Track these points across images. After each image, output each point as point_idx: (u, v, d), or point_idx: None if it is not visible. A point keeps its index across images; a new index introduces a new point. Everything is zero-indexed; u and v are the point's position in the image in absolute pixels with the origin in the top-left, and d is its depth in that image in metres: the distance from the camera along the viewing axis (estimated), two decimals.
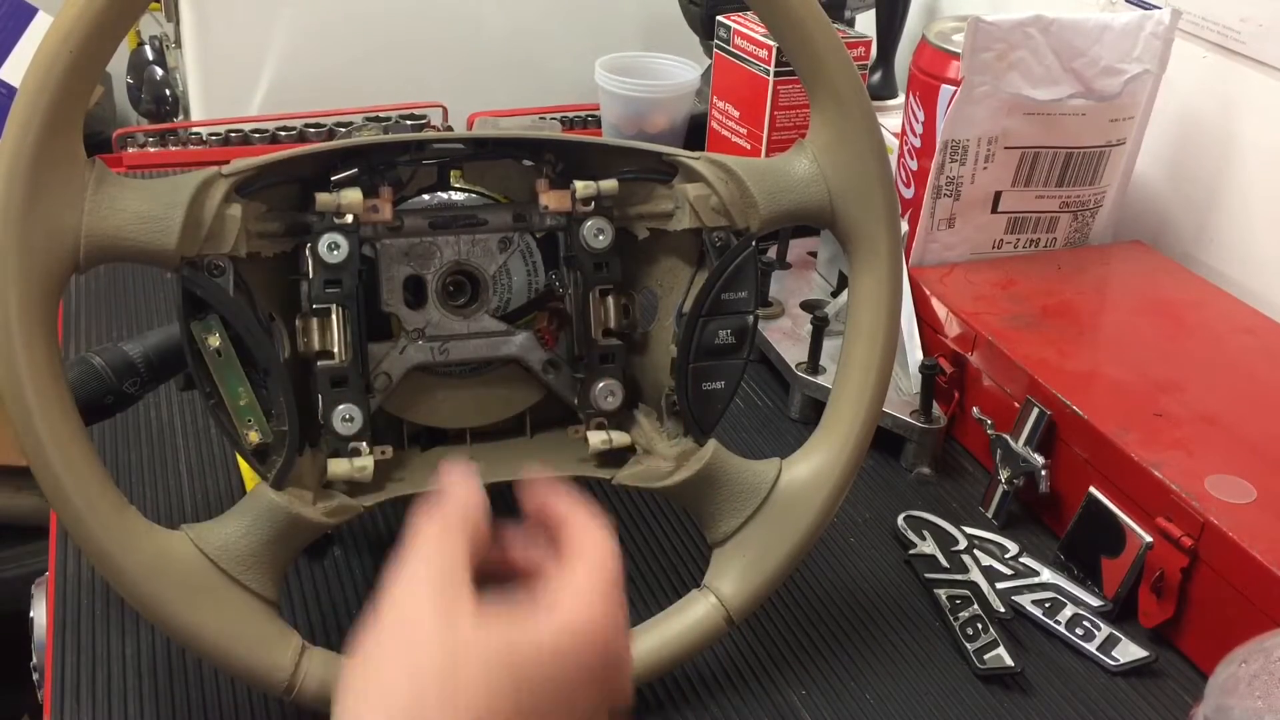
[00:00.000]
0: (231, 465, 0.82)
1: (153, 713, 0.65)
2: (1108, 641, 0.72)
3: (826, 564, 0.78)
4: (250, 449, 0.61)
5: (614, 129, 1.22)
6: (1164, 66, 0.94)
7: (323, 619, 0.71)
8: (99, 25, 0.53)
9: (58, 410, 0.55)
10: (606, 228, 0.65)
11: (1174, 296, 0.94)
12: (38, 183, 0.53)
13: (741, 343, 0.66)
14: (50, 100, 0.53)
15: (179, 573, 0.58)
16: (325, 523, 0.61)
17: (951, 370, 0.89)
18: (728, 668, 0.70)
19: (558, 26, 1.38)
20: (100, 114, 1.66)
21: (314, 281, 0.61)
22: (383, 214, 0.62)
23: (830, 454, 0.67)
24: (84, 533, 0.56)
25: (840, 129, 0.65)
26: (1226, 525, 0.69)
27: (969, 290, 0.93)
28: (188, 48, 1.29)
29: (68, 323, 0.97)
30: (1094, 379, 0.83)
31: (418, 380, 0.65)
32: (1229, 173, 1.02)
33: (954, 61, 0.92)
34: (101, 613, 0.70)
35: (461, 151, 0.65)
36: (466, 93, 1.30)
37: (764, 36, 1.06)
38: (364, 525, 0.79)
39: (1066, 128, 0.94)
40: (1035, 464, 0.80)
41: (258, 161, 0.59)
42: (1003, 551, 0.78)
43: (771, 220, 0.65)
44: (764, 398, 0.95)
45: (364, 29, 1.32)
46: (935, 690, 0.70)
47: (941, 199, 0.95)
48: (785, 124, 1.07)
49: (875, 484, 0.86)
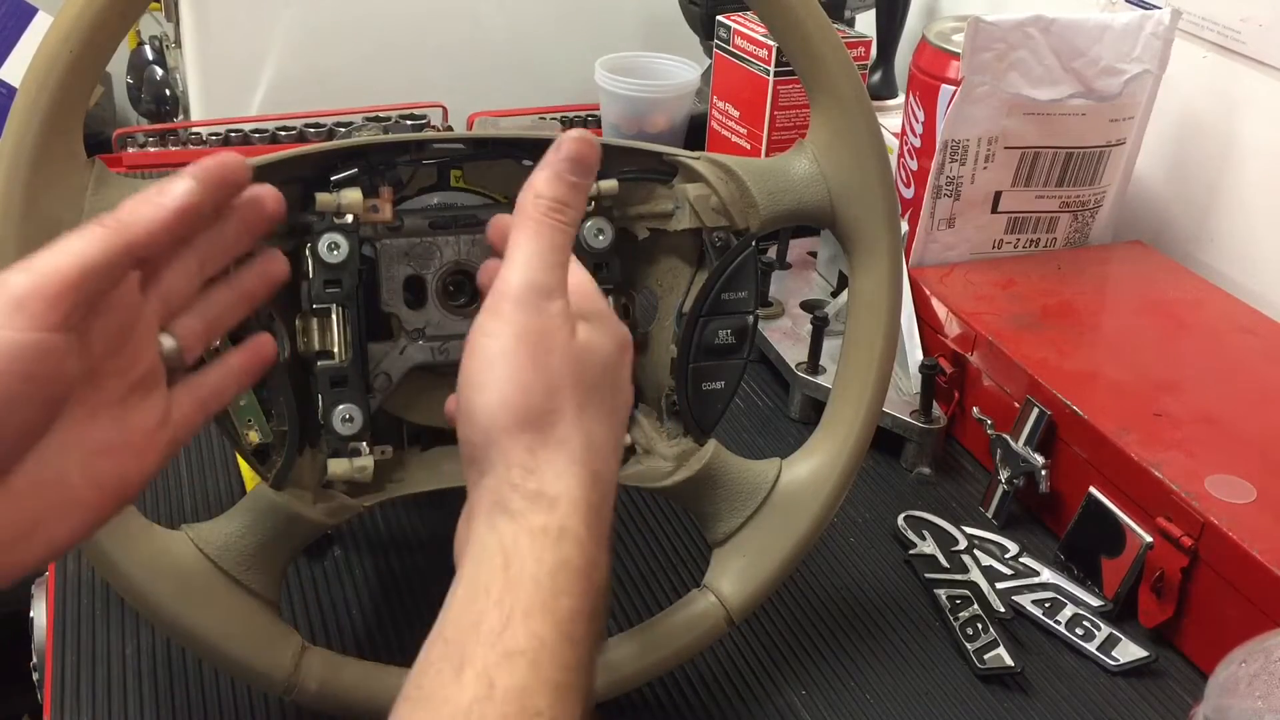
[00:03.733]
0: (231, 465, 0.82)
1: (153, 713, 0.65)
2: (1108, 641, 0.72)
3: (826, 564, 0.78)
4: (250, 449, 0.61)
5: (614, 129, 1.22)
6: (1164, 66, 0.94)
7: (323, 619, 0.71)
8: (99, 25, 0.53)
9: None
10: (606, 228, 0.65)
11: (1174, 296, 0.94)
12: (38, 183, 0.53)
13: (741, 343, 0.66)
14: (50, 100, 0.53)
15: (179, 572, 0.58)
16: (325, 523, 0.61)
17: (951, 370, 0.89)
18: (728, 668, 0.70)
19: (558, 26, 1.38)
20: (100, 114, 1.66)
21: (314, 281, 0.61)
22: (383, 214, 0.62)
23: (830, 454, 0.67)
24: None
25: (840, 129, 0.65)
26: (1226, 525, 0.69)
27: (969, 290, 0.93)
28: (188, 48, 1.29)
29: None
30: (1094, 379, 0.83)
31: (418, 380, 0.65)
32: (1229, 173, 1.02)
33: (954, 61, 0.92)
34: (101, 613, 0.70)
35: (461, 151, 0.65)
36: (466, 93, 1.30)
37: (764, 36, 1.06)
38: (364, 525, 0.79)
39: (1066, 128, 0.94)
40: (1035, 464, 0.80)
41: (257, 162, 0.59)
42: (1003, 551, 0.78)
43: (771, 220, 0.65)
44: (764, 398, 0.95)
45: (364, 29, 1.31)
46: (935, 690, 0.70)
47: (941, 199, 0.95)
48: (785, 124, 1.07)
49: (875, 484, 0.86)
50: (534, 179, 0.51)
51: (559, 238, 0.49)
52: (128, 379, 0.48)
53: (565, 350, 0.48)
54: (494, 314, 0.48)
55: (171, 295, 0.50)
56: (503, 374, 0.47)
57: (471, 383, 0.48)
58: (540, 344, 0.48)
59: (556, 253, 0.49)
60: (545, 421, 0.47)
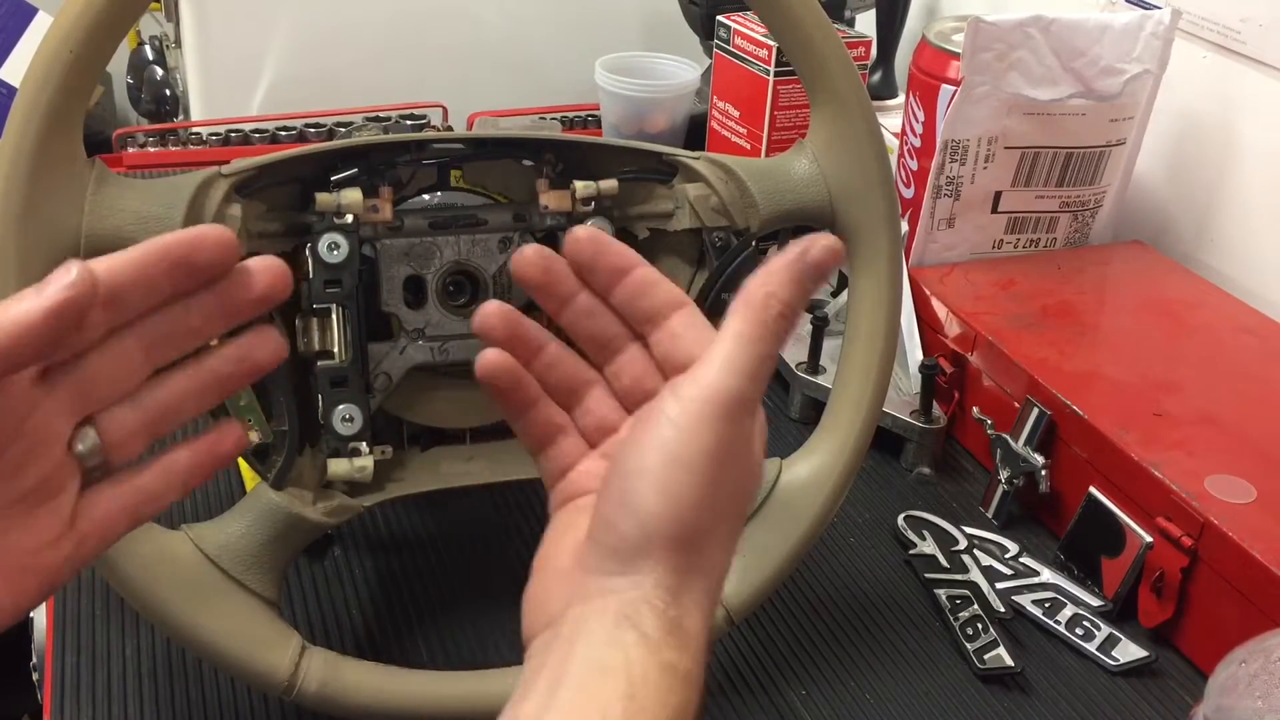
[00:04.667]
0: (232, 465, 0.82)
1: (153, 713, 0.65)
2: (1108, 641, 0.72)
3: (826, 564, 0.78)
4: (250, 449, 0.61)
5: (614, 129, 1.22)
6: (1164, 66, 0.94)
7: (323, 619, 0.71)
8: (99, 25, 0.53)
9: None
10: (606, 228, 0.65)
11: (1174, 296, 0.94)
12: (38, 183, 0.53)
13: None
14: (50, 100, 0.53)
15: (179, 573, 0.58)
16: (325, 523, 0.61)
17: (951, 370, 0.89)
18: (728, 668, 0.70)
19: (558, 26, 1.38)
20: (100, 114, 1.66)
21: (314, 281, 0.61)
22: (383, 214, 0.62)
23: (830, 454, 0.67)
24: None
25: (840, 129, 0.65)
26: (1226, 525, 0.69)
27: (969, 290, 0.93)
28: (188, 48, 1.29)
29: None
30: (1094, 379, 0.83)
31: (418, 380, 0.65)
32: (1229, 173, 1.02)
33: (954, 61, 0.92)
34: (101, 613, 0.70)
35: (461, 151, 0.65)
36: (466, 93, 1.30)
37: (764, 36, 1.06)
38: (364, 525, 0.79)
39: (1066, 128, 0.94)
40: (1035, 464, 0.80)
41: (258, 161, 0.59)
42: (1003, 551, 0.78)
43: (771, 220, 0.65)
44: (764, 398, 0.95)
45: (364, 29, 1.31)
46: (935, 690, 0.70)
47: (941, 199, 0.95)
48: (785, 124, 1.07)
49: (875, 484, 0.86)
50: (772, 274, 0.44)
51: (775, 347, 0.44)
52: (15, 486, 0.40)
53: (740, 473, 0.44)
54: (689, 411, 0.43)
55: (98, 384, 0.42)
56: (684, 482, 0.42)
57: (644, 471, 0.42)
58: (726, 464, 0.43)
59: (767, 363, 0.44)
60: (700, 544, 0.43)
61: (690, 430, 0.42)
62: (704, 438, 0.42)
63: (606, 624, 0.41)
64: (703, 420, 0.42)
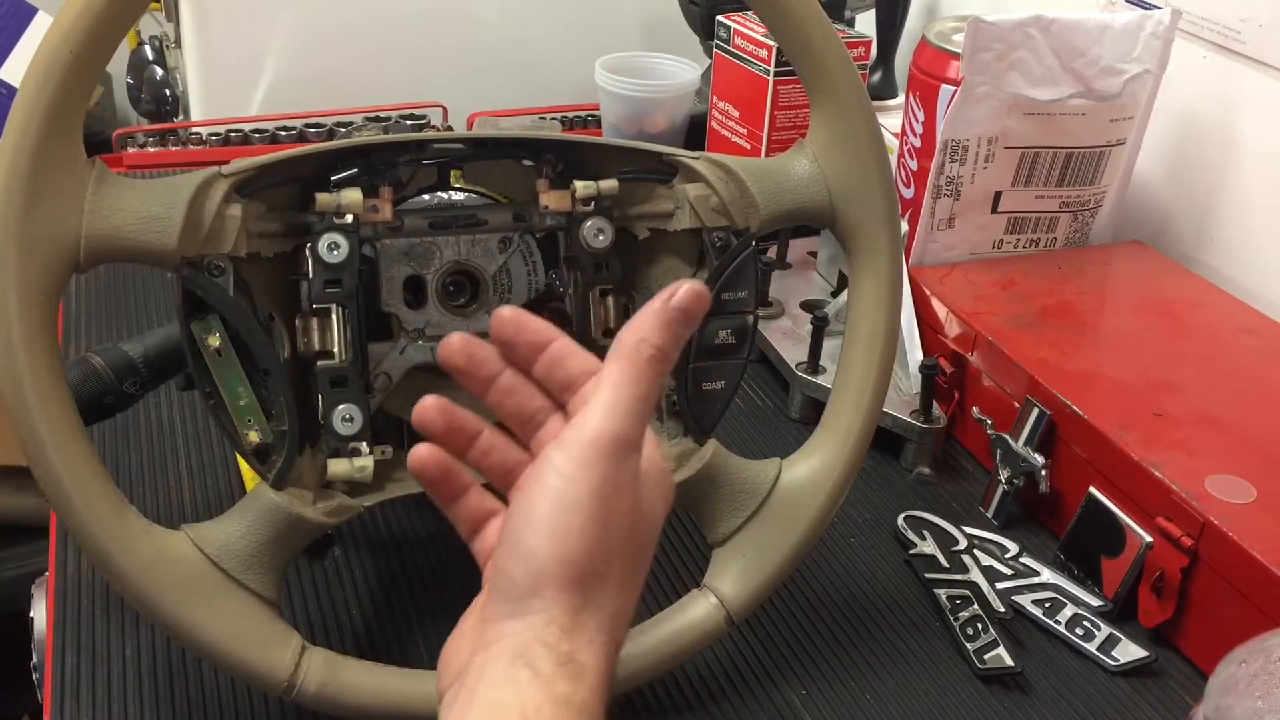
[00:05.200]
0: (231, 465, 0.82)
1: (153, 713, 0.65)
2: (1108, 641, 0.72)
3: (826, 564, 0.78)
4: (250, 449, 0.61)
5: (614, 129, 1.22)
6: (1164, 66, 0.94)
7: (323, 619, 0.71)
8: (99, 25, 0.53)
9: (58, 410, 0.55)
10: (606, 228, 0.65)
11: (1174, 296, 0.94)
12: (38, 183, 0.53)
13: (741, 343, 0.66)
14: (50, 100, 0.53)
15: (179, 573, 0.58)
16: (325, 523, 0.61)
17: (951, 370, 0.89)
18: (728, 668, 0.70)
19: (558, 26, 1.38)
20: (100, 114, 1.67)
21: (314, 281, 0.61)
22: (383, 214, 0.62)
23: (830, 454, 0.67)
24: (84, 533, 0.56)
25: (840, 129, 0.65)
26: (1226, 525, 0.69)
27: (969, 290, 0.93)
28: (188, 48, 1.29)
29: (68, 323, 0.97)
30: (1094, 379, 0.83)
31: (418, 380, 0.65)
32: (1229, 173, 1.02)
33: (954, 61, 0.92)
34: (101, 613, 0.70)
35: (461, 151, 0.65)
36: (466, 93, 1.30)
37: (764, 36, 1.06)
38: (364, 525, 0.79)
39: (1066, 128, 0.94)
40: (1035, 464, 0.80)
41: (258, 161, 0.59)
42: (1003, 551, 0.78)
43: (771, 220, 0.65)
44: (764, 398, 0.95)
45: (364, 29, 1.31)
46: (935, 690, 0.70)
47: (941, 199, 0.95)
48: (785, 124, 1.07)
49: (875, 484, 0.86)
50: (641, 321, 0.48)
51: (652, 389, 0.47)
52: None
53: (630, 512, 0.47)
54: (573, 457, 0.45)
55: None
56: (571, 525, 0.45)
57: (532, 518, 0.45)
58: (611, 502, 0.45)
59: (645, 404, 0.47)
60: (593, 584, 0.45)
61: (575, 475, 0.45)
62: (590, 480, 0.45)
63: (502, 664, 0.44)
64: (586, 464, 0.45)
